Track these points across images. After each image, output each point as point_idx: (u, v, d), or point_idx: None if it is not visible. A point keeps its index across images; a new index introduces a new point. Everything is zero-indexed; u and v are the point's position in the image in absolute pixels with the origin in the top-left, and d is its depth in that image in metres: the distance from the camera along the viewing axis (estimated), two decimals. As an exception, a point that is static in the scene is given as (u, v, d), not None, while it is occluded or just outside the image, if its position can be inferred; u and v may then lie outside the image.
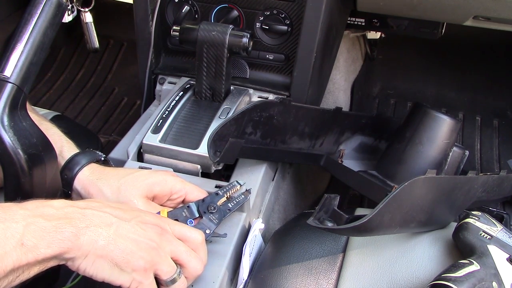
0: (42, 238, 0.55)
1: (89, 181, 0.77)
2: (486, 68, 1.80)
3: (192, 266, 0.68)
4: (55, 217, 0.57)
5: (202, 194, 0.81)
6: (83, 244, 0.58)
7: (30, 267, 0.55)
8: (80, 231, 0.58)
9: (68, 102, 1.84)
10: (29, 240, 0.54)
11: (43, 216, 0.56)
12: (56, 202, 0.60)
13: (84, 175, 0.77)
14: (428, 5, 1.05)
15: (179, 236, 0.68)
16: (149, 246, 0.63)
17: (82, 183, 0.77)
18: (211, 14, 1.13)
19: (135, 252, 0.61)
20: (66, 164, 0.78)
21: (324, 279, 0.79)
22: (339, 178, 1.12)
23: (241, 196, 0.83)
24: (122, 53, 1.98)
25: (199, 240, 0.70)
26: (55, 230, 0.56)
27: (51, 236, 0.56)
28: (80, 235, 0.58)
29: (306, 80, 1.08)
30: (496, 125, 1.68)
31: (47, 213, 0.57)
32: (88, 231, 0.58)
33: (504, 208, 1.29)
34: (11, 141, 0.64)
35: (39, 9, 0.68)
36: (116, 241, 0.60)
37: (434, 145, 1.09)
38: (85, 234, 0.58)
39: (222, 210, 0.79)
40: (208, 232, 0.76)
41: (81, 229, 0.58)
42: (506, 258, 0.72)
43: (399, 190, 0.68)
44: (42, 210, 0.57)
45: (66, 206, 0.60)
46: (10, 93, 0.65)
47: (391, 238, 0.82)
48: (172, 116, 0.98)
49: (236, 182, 0.83)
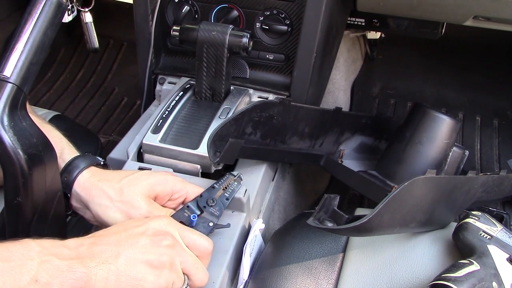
0: (56, 276, 0.56)
1: (90, 183, 0.77)
2: (486, 68, 1.80)
3: (198, 278, 0.68)
4: (68, 257, 0.58)
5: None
6: (95, 283, 0.58)
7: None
8: (91, 271, 0.58)
9: (68, 102, 1.84)
10: (43, 277, 0.55)
11: (57, 255, 0.57)
12: (70, 242, 0.61)
13: (84, 178, 0.77)
14: (428, 5, 1.05)
15: (189, 243, 0.69)
16: (161, 263, 0.63)
17: (82, 186, 0.77)
18: (211, 14, 1.13)
19: (147, 275, 0.62)
20: (65, 167, 0.78)
21: (324, 279, 0.79)
22: (339, 178, 1.12)
23: (234, 183, 0.84)
24: (122, 53, 1.98)
25: (208, 250, 0.71)
26: (68, 270, 0.57)
27: (64, 275, 0.56)
28: (92, 275, 0.58)
29: (306, 80, 1.08)
30: (496, 125, 1.68)
31: (61, 252, 0.58)
32: (99, 269, 0.59)
33: (504, 208, 1.29)
34: (11, 141, 0.64)
35: (39, 9, 0.68)
36: (126, 272, 0.61)
37: (434, 145, 1.09)
38: (96, 273, 0.59)
39: (221, 202, 0.80)
40: (212, 224, 0.76)
41: (92, 269, 0.59)
42: (506, 258, 0.72)
43: (399, 190, 0.69)
44: (57, 250, 0.58)
45: (78, 246, 0.61)
46: (10, 93, 0.65)
47: (391, 238, 0.82)
48: (172, 116, 0.98)
49: (229, 174, 0.84)
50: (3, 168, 0.66)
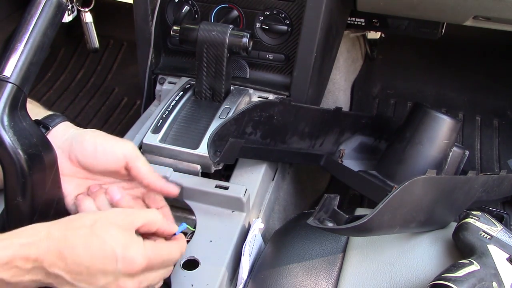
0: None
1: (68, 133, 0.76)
2: (486, 68, 1.80)
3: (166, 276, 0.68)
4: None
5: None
6: None
7: None
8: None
9: (68, 102, 1.84)
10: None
11: None
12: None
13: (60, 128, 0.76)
14: (428, 5, 1.05)
15: (159, 265, 0.65)
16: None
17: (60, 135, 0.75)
18: (211, 14, 1.13)
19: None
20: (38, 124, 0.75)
21: (324, 279, 0.79)
22: (339, 178, 1.12)
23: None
24: (122, 53, 1.98)
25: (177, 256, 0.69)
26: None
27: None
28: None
29: (306, 80, 1.08)
30: (496, 125, 1.68)
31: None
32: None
33: (504, 208, 1.29)
34: (11, 141, 0.64)
35: (39, 9, 0.68)
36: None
37: (434, 145, 1.09)
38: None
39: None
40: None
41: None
42: (506, 258, 0.72)
43: (399, 190, 0.68)
44: None
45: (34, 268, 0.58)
46: (10, 93, 0.65)
47: (391, 238, 0.82)
48: (172, 116, 0.98)
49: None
50: (3, 168, 0.66)
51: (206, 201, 0.87)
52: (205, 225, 0.85)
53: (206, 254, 0.80)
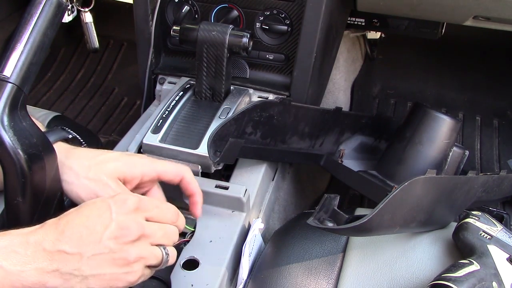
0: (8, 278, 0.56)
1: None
2: (486, 68, 1.80)
3: (173, 243, 0.68)
4: (24, 262, 0.58)
5: (177, 174, 0.79)
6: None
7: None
8: (49, 278, 0.58)
9: (68, 102, 1.84)
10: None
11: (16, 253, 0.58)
12: (33, 237, 0.60)
13: None
14: (428, 5, 1.05)
15: (156, 218, 0.66)
16: (129, 261, 0.61)
17: None
18: (211, 14, 1.13)
19: (116, 274, 0.61)
20: None
21: (324, 279, 0.79)
22: (339, 178, 1.12)
23: None
24: (122, 53, 1.99)
25: (176, 214, 0.70)
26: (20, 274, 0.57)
27: (20, 278, 0.57)
28: (50, 280, 0.58)
29: (306, 80, 1.08)
30: (496, 125, 1.68)
31: (19, 252, 0.58)
32: (58, 275, 0.58)
33: (504, 208, 1.29)
34: (11, 141, 0.64)
35: (39, 9, 0.68)
36: (88, 282, 0.60)
37: (434, 145, 1.09)
38: (55, 278, 0.58)
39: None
40: None
41: (51, 274, 0.58)
42: (506, 258, 0.72)
43: (399, 190, 0.68)
44: (15, 249, 0.58)
45: (41, 241, 0.59)
46: (10, 93, 0.65)
47: (391, 238, 0.82)
48: (172, 116, 0.98)
49: None
50: (3, 168, 0.66)
51: (206, 201, 0.87)
52: (205, 225, 0.85)
53: (206, 254, 0.80)
